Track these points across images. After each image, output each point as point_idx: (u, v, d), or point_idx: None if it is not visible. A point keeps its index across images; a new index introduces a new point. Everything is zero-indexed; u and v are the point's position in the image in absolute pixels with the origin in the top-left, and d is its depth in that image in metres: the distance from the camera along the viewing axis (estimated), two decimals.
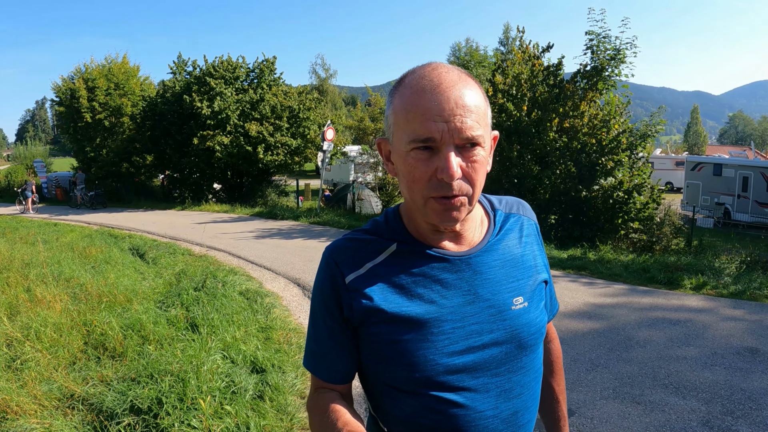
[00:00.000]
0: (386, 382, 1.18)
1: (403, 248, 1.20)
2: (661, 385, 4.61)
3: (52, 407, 4.01)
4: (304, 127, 23.90)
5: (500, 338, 1.16)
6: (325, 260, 1.22)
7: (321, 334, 1.23)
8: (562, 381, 1.50)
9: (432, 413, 1.14)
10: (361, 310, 1.16)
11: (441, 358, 1.12)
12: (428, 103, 1.05)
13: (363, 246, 1.22)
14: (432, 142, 1.05)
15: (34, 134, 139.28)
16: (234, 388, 4.25)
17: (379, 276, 1.18)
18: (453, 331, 1.14)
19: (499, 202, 1.34)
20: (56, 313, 5.96)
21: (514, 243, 1.27)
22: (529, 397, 1.22)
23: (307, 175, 39.55)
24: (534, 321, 1.21)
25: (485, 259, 1.20)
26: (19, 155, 56.31)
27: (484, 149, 1.10)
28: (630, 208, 12.68)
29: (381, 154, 1.21)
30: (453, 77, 1.08)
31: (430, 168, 1.06)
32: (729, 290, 7.92)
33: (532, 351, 1.22)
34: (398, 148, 1.11)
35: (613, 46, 12.95)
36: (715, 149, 61.12)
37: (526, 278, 1.24)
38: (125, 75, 26.19)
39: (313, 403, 1.23)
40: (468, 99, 1.06)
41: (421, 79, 1.08)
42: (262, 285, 8.32)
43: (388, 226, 1.24)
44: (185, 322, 5.84)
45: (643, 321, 6.46)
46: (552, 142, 12.90)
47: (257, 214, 19.62)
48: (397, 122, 1.10)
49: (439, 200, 1.08)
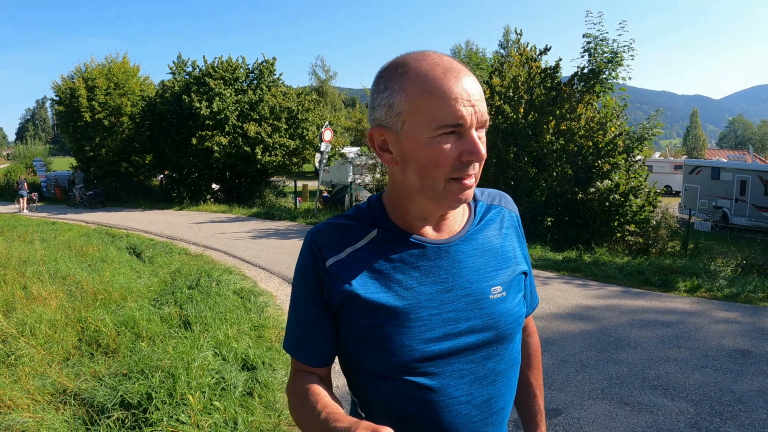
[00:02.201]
0: (364, 366, 1.19)
1: (383, 235, 1.21)
2: (650, 387, 4.63)
3: (44, 401, 4.04)
4: (302, 128, 23.91)
5: (477, 326, 1.17)
6: (307, 243, 1.23)
7: (302, 317, 1.24)
8: (539, 375, 1.51)
9: (407, 398, 1.15)
10: (340, 294, 1.17)
11: (417, 344, 1.14)
12: (458, 88, 1.06)
13: (345, 231, 1.22)
14: (461, 127, 1.07)
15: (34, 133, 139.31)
16: (224, 385, 4.27)
17: (359, 261, 1.18)
18: (430, 318, 1.15)
19: (481, 194, 1.35)
20: (51, 310, 5.98)
21: (494, 233, 1.28)
22: (503, 385, 1.23)
23: (306, 176, 39.53)
24: (511, 310, 1.22)
25: (464, 247, 1.22)
26: (19, 154, 56.36)
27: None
28: (626, 210, 12.70)
29: (373, 145, 1.19)
30: (458, 64, 1.11)
31: (455, 151, 1.08)
32: (723, 293, 7.92)
33: (509, 340, 1.23)
34: (415, 134, 1.09)
35: (611, 48, 12.99)
36: (714, 153, 61.16)
37: (505, 268, 1.25)
38: (125, 75, 26.19)
39: (293, 386, 1.24)
40: (477, 85, 1.11)
41: (436, 66, 1.09)
42: (256, 284, 8.34)
43: (371, 213, 1.25)
44: (178, 320, 5.87)
45: (635, 322, 6.47)
46: (549, 145, 12.93)
47: (255, 214, 19.64)
48: (416, 108, 1.08)
49: (458, 181, 1.10)
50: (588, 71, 13.30)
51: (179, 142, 23.75)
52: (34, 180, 32.37)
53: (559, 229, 13.31)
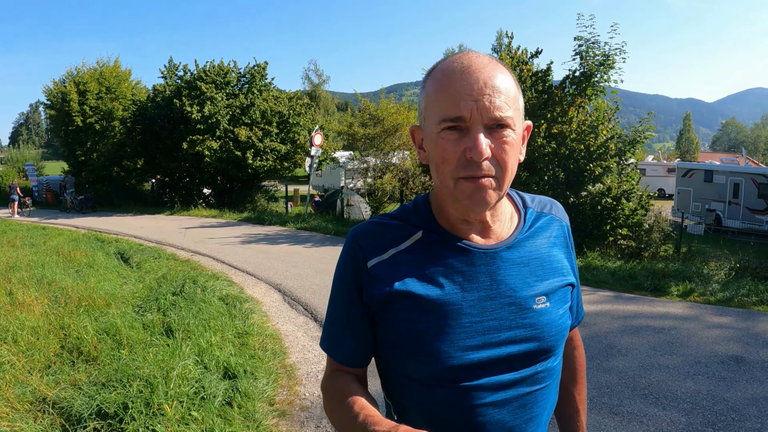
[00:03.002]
0: (400, 370, 1.18)
1: (428, 236, 1.19)
2: (640, 396, 4.53)
3: (24, 410, 4.00)
4: (293, 133, 23.80)
5: (519, 336, 1.14)
6: (350, 242, 1.21)
7: (339, 316, 1.23)
8: (584, 390, 1.47)
9: (442, 405, 1.13)
10: (381, 296, 1.15)
11: (456, 351, 1.11)
12: (458, 83, 1.06)
13: (389, 231, 1.21)
14: (461, 122, 1.05)
15: (28, 138, 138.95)
16: (203, 394, 4.18)
17: (401, 263, 1.17)
18: (471, 324, 1.12)
19: (531, 200, 1.32)
20: (35, 317, 5.93)
21: (542, 242, 1.25)
22: (541, 393, 1.19)
23: (299, 181, 39.43)
24: (556, 322, 1.19)
25: (510, 255, 1.19)
26: (11, 159, 56.04)
27: (515, 132, 1.10)
28: (618, 214, 12.61)
29: (414, 142, 1.21)
30: (483, 60, 1.10)
31: (459, 148, 1.06)
32: (716, 297, 7.85)
33: (552, 352, 1.19)
34: (429, 131, 1.11)
35: (602, 51, 12.91)
36: (708, 156, 61.37)
37: (551, 279, 1.22)
38: (117, 79, 26.12)
39: (329, 384, 1.24)
40: (497, 80, 1.07)
41: (452, 62, 1.10)
42: (243, 290, 8.23)
43: (416, 213, 1.23)
44: (161, 327, 5.77)
45: (626, 329, 6.38)
46: (540, 148, 12.83)
47: (245, 219, 19.51)
48: (429, 105, 1.11)
49: (468, 180, 1.07)
50: (579, 74, 13.22)
51: (170, 146, 23.60)
52: (26, 184, 32.16)
53: None
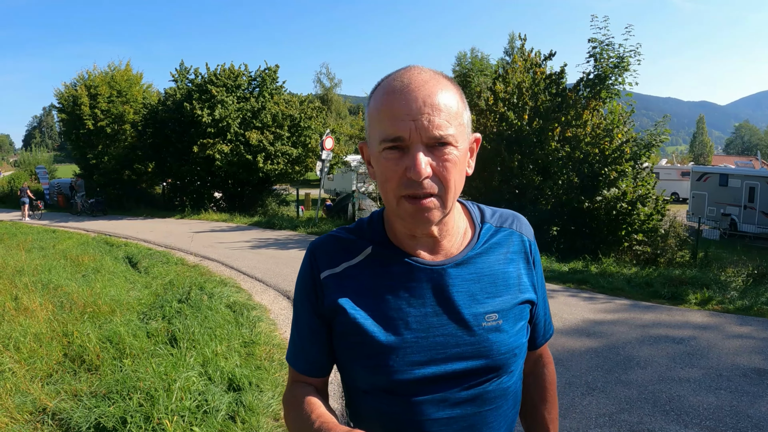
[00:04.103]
0: (352, 381, 1.20)
1: (378, 252, 1.19)
2: (661, 411, 4.33)
3: (23, 420, 3.91)
4: (305, 136, 23.71)
5: (466, 353, 1.14)
6: (307, 254, 1.24)
7: (301, 327, 1.24)
8: (554, 409, 1.41)
9: (387, 416, 1.15)
10: (331, 308, 1.17)
11: (402, 365, 1.12)
12: (397, 102, 1.04)
13: (343, 245, 1.22)
14: (401, 141, 1.04)
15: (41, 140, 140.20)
16: (206, 408, 4.04)
17: (351, 277, 1.18)
18: (416, 340, 1.13)
19: (491, 215, 1.29)
20: (39, 323, 5.83)
21: (497, 258, 1.22)
22: (491, 413, 1.18)
23: (311, 184, 39.37)
24: (507, 340, 1.17)
25: (459, 272, 1.17)
26: (24, 161, 56.43)
27: (458, 149, 1.08)
28: (634, 219, 12.41)
29: (363, 158, 1.21)
30: (424, 77, 1.07)
31: (400, 167, 1.05)
32: (735, 305, 7.64)
33: (503, 371, 1.18)
34: (373, 149, 1.11)
35: (617, 53, 12.72)
36: (721, 159, 60.66)
37: (504, 295, 1.19)
38: (128, 82, 26.10)
39: (288, 396, 1.24)
40: (437, 98, 1.05)
41: (393, 80, 1.08)
42: (251, 297, 8.09)
43: (370, 228, 1.23)
44: (165, 336, 5.63)
45: (645, 339, 6.17)
46: (554, 152, 12.64)
47: (255, 223, 19.40)
48: (371, 124, 1.10)
49: (410, 200, 1.06)
50: (594, 77, 13.04)
51: (181, 149, 23.55)
52: (37, 187, 32.29)
53: (565, 239, 13.02)
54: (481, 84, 26.40)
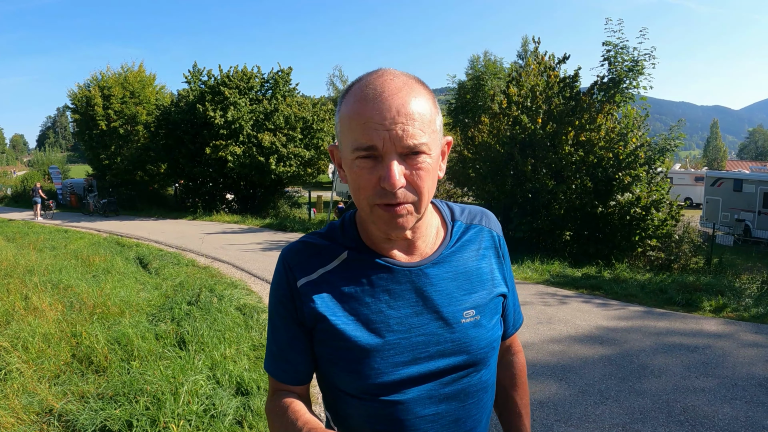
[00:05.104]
0: (335, 385, 1.20)
1: (354, 256, 1.19)
2: (675, 422, 4.23)
3: (30, 421, 3.89)
4: (317, 138, 23.75)
5: (447, 350, 1.16)
6: (280, 262, 1.22)
7: (279, 336, 1.23)
8: (525, 395, 1.46)
9: (375, 418, 1.16)
10: (311, 315, 1.16)
11: (386, 367, 1.13)
12: (370, 111, 1.03)
13: (317, 251, 1.21)
14: (374, 151, 1.03)
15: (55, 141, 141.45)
16: (213, 412, 4.00)
17: (329, 283, 1.17)
18: (399, 341, 1.14)
19: (461, 212, 1.31)
20: (48, 323, 5.82)
21: (470, 255, 1.25)
22: (473, 406, 1.22)
23: (323, 187, 39.41)
24: (484, 335, 1.20)
25: (436, 270, 1.19)
26: (37, 161, 56.93)
27: (431, 157, 1.08)
28: (648, 224, 12.27)
29: (333, 161, 1.19)
30: (397, 84, 1.06)
31: (374, 176, 1.05)
32: (750, 313, 7.52)
33: (483, 365, 1.21)
34: (345, 155, 1.10)
35: (631, 57, 12.61)
36: (735, 164, 60.16)
37: (480, 291, 1.22)
38: (141, 84, 26.26)
39: (271, 405, 1.24)
40: (411, 106, 1.04)
41: (365, 87, 1.06)
42: (261, 300, 8.05)
43: (343, 232, 1.23)
44: (174, 338, 5.61)
45: (659, 347, 6.07)
46: (567, 156, 12.53)
47: (267, 225, 19.40)
48: (343, 130, 1.09)
49: (384, 207, 1.06)
50: (608, 80, 12.93)
51: (194, 151, 23.63)
52: (50, 187, 32.52)
53: (578, 244, 12.90)
54: (495, 87, 26.28)
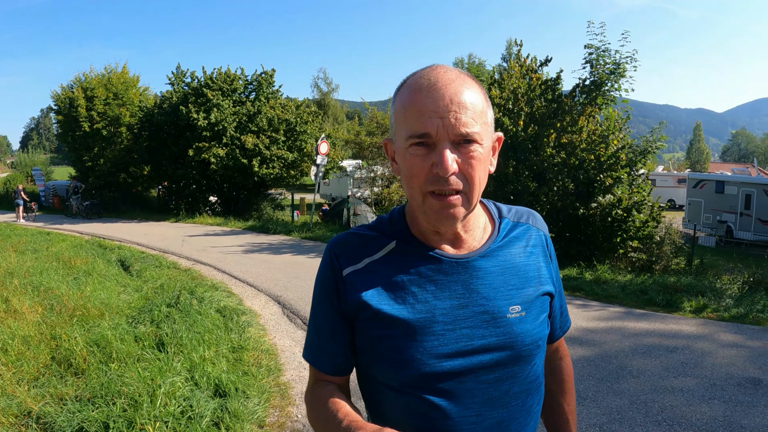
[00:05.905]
0: (375, 377, 1.19)
1: (402, 247, 1.21)
2: (653, 422, 4.26)
3: (8, 423, 3.88)
4: (301, 141, 23.66)
5: (491, 344, 1.15)
6: (327, 252, 1.24)
7: (321, 326, 1.24)
8: (572, 401, 1.46)
9: (414, 414, 1.14)
10: (355, 304, 1.17)
11: (429, 359, 1.12)
12: (424, 99, 1.07)
13: (364, 242, 1.23)
14: (428, 138, 1.07)
15: (38, 142, 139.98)
16: (191, 413, 3.98)
17: (375, 273, 1.19)
18: (443, 333, 1.14)
19: (508, 211, 1.33)
20: (28, 325, 5.79)
21: (518, 252, 1.25)
22: (518, 409, 1.19)
23: (308, 189, 39.25)
24: (531, 331, 1.19)
25: (483, 264, 1.20)
26: (21, 163, 56.33)
27: (482, 147, 1.11)
28: (629, 226, 12.33)
29: (387, 154, 1.23)
30: (450, 76, 1.09)
31: (427, 163, 1.08)
32: (730, 313, 7.60)
33: (527, 362, 1.20)
34: (399, 145, 1.13)
35: (613, 59, 12.67)
36: (718, 166, 60.73)
37: (527, 287, 1.22)
38: (124, 85, 26.09)
39: (311, 395, 1.24)
40: (464, 96, 1.07)
41: (419, 78, 1.10)
42: (241, 302, 8.02)
43: (391, 224, 1.25)
44: (153, 340, 5.56)
45: (638, 348, 6.11)
46: (549, 158, 12.57)
47: (250, 227, 19.30)
48: (398, 121, 1.12)
49: (436, 196, 1.09)
50: (590, 83, 12.98)
51: (177, 153, 23.48)
52: (33, 189, 32.19)
53: (560, 246, 12.94)
54: None
